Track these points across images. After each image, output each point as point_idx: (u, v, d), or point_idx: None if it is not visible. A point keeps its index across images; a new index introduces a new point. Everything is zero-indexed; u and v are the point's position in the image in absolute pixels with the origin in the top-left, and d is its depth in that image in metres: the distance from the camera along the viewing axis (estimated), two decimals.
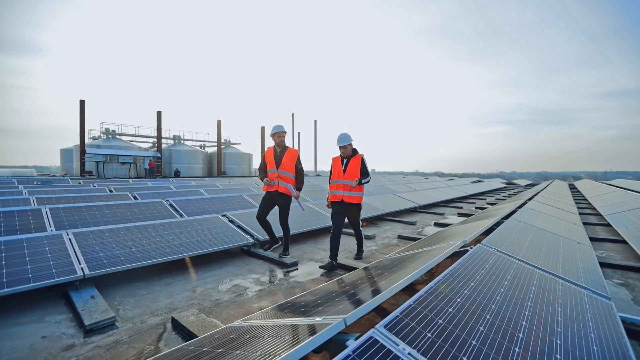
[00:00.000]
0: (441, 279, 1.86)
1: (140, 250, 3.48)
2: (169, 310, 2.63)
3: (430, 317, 1.41)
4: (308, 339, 1.20)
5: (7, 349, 2.06)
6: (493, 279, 2.07)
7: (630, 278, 3.49)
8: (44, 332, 2.26)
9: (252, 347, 1.39)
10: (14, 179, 13.60)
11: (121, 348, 2.09)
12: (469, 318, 1.51)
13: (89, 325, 2.28)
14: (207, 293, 3.00)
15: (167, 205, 6.42)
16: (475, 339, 1.35)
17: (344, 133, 3.99)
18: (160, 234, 3.98)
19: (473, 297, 1.75)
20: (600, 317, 2.02)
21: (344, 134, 3.99)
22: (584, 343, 1.66)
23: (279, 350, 1.22)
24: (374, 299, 1.43)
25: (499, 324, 1.54)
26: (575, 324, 1.82)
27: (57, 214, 5.08)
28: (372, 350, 1.14)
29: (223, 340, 1.65)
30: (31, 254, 3.00)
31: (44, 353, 2.02)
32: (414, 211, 8.93)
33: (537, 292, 2.08)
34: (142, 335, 2.25)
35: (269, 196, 4.13)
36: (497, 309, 1.69)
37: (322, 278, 3.45)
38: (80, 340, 2.17)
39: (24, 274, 2.71)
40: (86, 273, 2.89)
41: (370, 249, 4.72)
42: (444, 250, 2.56)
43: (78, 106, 24.80)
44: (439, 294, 1.68)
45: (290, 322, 1.57)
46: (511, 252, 2.76)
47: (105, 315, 2.41)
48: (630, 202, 7.91)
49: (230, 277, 3.42)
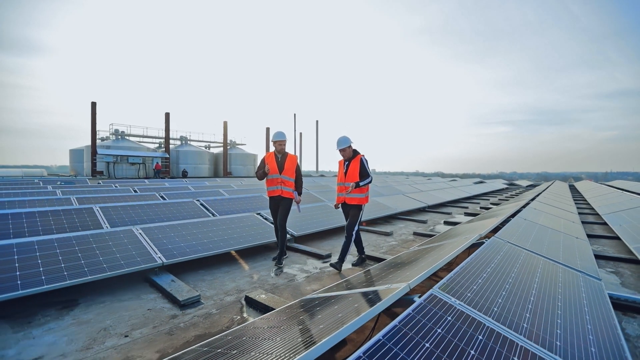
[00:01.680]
0: (469, 261, 2.43)
1: (200, 243, 4.05)
2: (238, 292, 3.20)
3: (468, 283, 1.98)
4: (387, 297, 1.76)
5: (127, 317, 2.63)
6: (508, 262, 2.64)
7: (620, 267, 4.06)
8: (148, 306, 2.83)
9: (340, 307, 1.94)
10: (37, 179, 14.16)
11: (214, 317, 2.65)
12: (494, 286, 2.08)
13: (182, 301, 2.85)
14: (263, 279, 3.56)
15: (199, 205, 6.99)
16: (500, 297, 1.92)
17: (342, 136, 4.03)
18: (210, 229, 4.54)
19: (494, 274, 2.32)
20: (592, 293, 2.59)
21: (342, 137, 4.02)
22: (579, 312, 2.22)
23: (365, 307, 1.77)
24: (427, 270, 2.00)
25: (515, 291, 2.11)
26: (572, 298, 2.38)
27: (107, 212, 5.65)
28: (434, 301, 1.70)
29: (309, 306, 2.21)
30: (115, 245, 3.56)
31: (156, 320, 2.59)
32: (423, 210, 9.49)
33: (542, 273, 2.65)
34: (226, 309, 2.81)
35: (274, 203, 4.24)
36: (512, 282, 2.25)
37: (357, 267, 4.01)
38: (179, 312, 2.74)
39: (116, 261, 3.28)
40: (164, 261, 3.46)
41: (391, 244, 5.29)
42: (465, 242, 3.12)
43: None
44: (470, 270, 2.24)
45: (362, 291, 2.14)
46: (520, 244, 3.33)
47: (192, 293, 2.98)
48: (626, 203, 8.46)
49: (276, 268, 3.98)
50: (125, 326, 2.48)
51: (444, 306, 1.69)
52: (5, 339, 2.27)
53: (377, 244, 5.21)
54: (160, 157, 29.82)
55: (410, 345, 1.30)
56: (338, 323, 1.52)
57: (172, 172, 31.71)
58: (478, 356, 1.34)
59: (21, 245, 3.15)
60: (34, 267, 2.90)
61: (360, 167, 3.95)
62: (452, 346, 1.36)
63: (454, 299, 1.76)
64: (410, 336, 1.37)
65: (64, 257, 3.15)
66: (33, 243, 3.24)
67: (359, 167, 3.95)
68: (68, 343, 2.24)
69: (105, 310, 2.74)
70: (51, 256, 3.11)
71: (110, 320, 2.56)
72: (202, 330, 2.44)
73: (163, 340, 2.29)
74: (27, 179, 14.47)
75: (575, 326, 1.90)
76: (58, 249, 3.25)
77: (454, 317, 1.58)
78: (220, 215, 5.94)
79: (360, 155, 4.02)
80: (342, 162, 4.16)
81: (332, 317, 1.70)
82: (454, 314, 1.61)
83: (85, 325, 2.49)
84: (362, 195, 4.01)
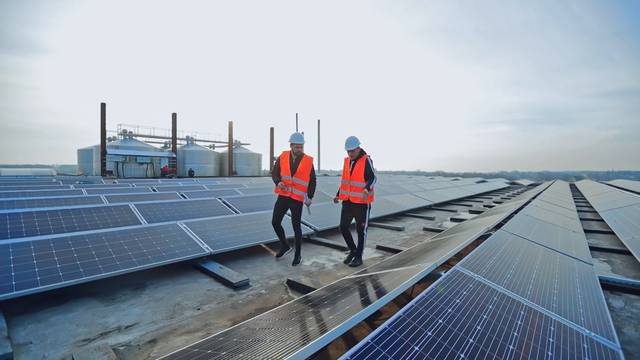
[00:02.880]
0: (481, 247, 2.92)
1: (237, 236, 4.55)
2: (279, 277, 3.69)
3: (482, 264, 2.47)
4: (419, 272, 2.24)
5: (192, 295, 3.12)
6: (513, 249, 3.13)
7: (612, 257, 4.55)
8: (206, 287, 3.33)
9: (383, 280, 2.43)
10: (54, 179, 14.68)
11: (266, 296, 3.15)
12: (502, 266, 2.57)
13: (235, 283, 3.34)
14: (297, 267, 4.06)
15: (221, 203, 7.48)
16: (508, 273, 2.41)
17: (351, 137, 4.15)
18: (240, 225, 5.03)
19: (502, 258, 2.81)
20: (584, 275, 3.07)
21: (352, 138, 4.14)
22: (572, 287, 2.70)
23: (404, 278, 2.26)
24: (448, 253, 2.48)
25: (520, 270, 2.60)
26: (566, 277, 2.86)
27: (142, 210, 6.15)
28: (458, 274, 2.19)
29: (351, 283, 2.69)
30: (168, 237, 4.06)
31: (218, 298, 3.08)
32: (430, 208, 9.98)
33: (542, 259, 3.14)
34: (273, 290, 3.31)
35: (282, 202, 4.23)
36: (517, 264, 2.74)
37: (377, 257, 4.50)
38: (234, 292, 3.23)
39: (172, 250, 3.78)
40: (211, 251, 3.96)
41: (404, 237, 5.78)
42: (474, 233, 3.61)
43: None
44: (482, 255, 2.73)
45: (396, 270, 2.63)
46: (523, 235, 3.81)
47: (242, 277, 3.48)
48: (623, 201, 8.94)
49: (307, 257, 4.48)
50: (194, 302, 2.98)
51: (465, 278, 2.18)
52: (102, 310, 2.77)
53: (392, 238, 5.70)
54: (168, 156, 30.37)
55: (446, 301, 1.79)
56: (381, 294, 2.01)
57: (179, 171, 32.26)
58: (494, 309, 1.83)
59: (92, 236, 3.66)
60: (107, 255, 3.40)
61: (365, 167, 4.09)
62: (475, 302, 1.85)
63: (472, 273, 2.26)
64: (445, 295, 1.86)
65: (129, 246, 3.65)
66: (100, 235, 3.74)
67: (364, 167, 4.09)
68: (153, 314, 2.73)
69: (171, 290, 3.24)
70: (117, 246, 3.61)
71: (179, 298, 3.06)
72: (259, 305, 2.94)
73: (229, 312, 2.79)
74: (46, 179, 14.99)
75: (569, 296, 2.39)
76: (121, 239, 3.76)
77: (474, 285, 2.07)
78: (242, 213, 6.42)
79: (366, 156, 4.16)
80: (349, 160, 4.27)
81: (378, 288, 2.19)
82: (474, 282, 2.10)
83: (160, 301, 2.99)
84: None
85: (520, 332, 1.71)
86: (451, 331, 1.58)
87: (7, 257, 3.00)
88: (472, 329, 1.64)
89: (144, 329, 2.48)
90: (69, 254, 3.28)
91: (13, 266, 2.91)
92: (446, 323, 1.64)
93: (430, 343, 1.45)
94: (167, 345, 2.26)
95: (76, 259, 3.23)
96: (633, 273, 3.86)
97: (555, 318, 1.92)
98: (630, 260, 4.39)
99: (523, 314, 1.87)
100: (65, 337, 2.35)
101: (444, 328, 1.59)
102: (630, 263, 4.29)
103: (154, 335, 2.40)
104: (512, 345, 1.61)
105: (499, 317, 1.79)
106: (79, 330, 2.45)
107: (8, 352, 2.07)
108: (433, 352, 1.40)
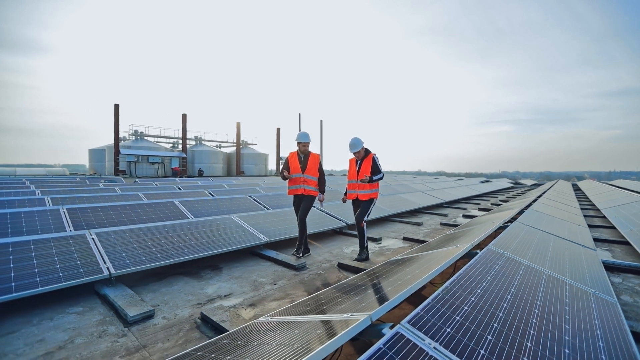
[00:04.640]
0: (503, 234, 3.56)
1: (283, 228, 5.19)
2: (328, 261, 4.33)
3: (509, 243, 3.11)
4: (459, 251, 2.88)
5: (264, 274, 3.76)
6: (530, 236, 3.77)
7: (613, 247, 5.19)
8: (272, 269, 3.97)
9: (430, 257, 3.07)
10: (78, 178, 15.33)
11: (324, 275, 3.79)
12: (524, 246, 3.21)
13: (297, 265, 3.99)
14: (338, 254, 4.70)
15: (252, 200, 8.14)
16: (529, 253, 3.06)
17: (354, 139, 4.28)
18: (279, 219, 5.66)
19: (522, 243, 3.45)
20: (589, 258, 3.70)
21: (355, 140, 4.28)
22: (579, 265, 3.33)
23: (449, 255, 2.89)
24: (482, 235, 3.12)
25: (538, 251, 3.24)
26: (575, 259, 3.50)
27: (186, 205, 6.79)
28: (491, 252, 2.83)
29: (403, 260, 3.33)
30: (228, 228, 4.71)
31: (286, 276, 3.72)
32: (441, 206, 10.62)
33: (554, 244, 3.77)
34: (328, 271, 3.95)
35: (297, 200, 4.54)
36: (534, 247, 3.39)
37: (403, 247, 5.15)
38: (298, 272, 3.87)
39: (235, 239, 4.42)
40: (268, 240, 4.61)
41: (424, 231, 6.42)
42: (492, 225, 4.25)
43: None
44: (505, 240, 3.37)
45: (436, 251, 3.26)
46: (536, 226, 4.46)
47: (300, 261, 4.11)
48: (623, 199, 9.57)
49: (344, 246, 5.12)
50: (269, 279, 3.62)
51: (497, 254, 2.82)
52: (197, 284, 3.43)
53: (414, 232, 6.34)
54: (179, 156, 31.06)
55: (486, 270, 2.43)
56: (436, 264, 2.64)
57: (188, 171, 32.95)
58: (523, 274, 2.47)
59: (173, 226, 4.31)
60: (187, 242, 4.05)
61: (372, 165, 4.23)
62: (507, 272, 2.49)
63: (502, 250, 2.90)
64: (485, 264, 2.50)
65: (201, 235, 4.30)
66: (174, 225, 4.39)
67: (370, 165, 4.23)
68: (240, 287, 3.38)
69: (245, 271, 3.89)
70: (192, 234, 4.26)
71: (254, 276, 3.71)
72: (321, 281, 3.59)
73: (301, 286, 3.43)
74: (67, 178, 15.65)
75: (578, 270, 3.03)
76: (192, 229, 4.41)
77: (505, 259, 2.72)
78: (272, 209, 7.06)
79: (372, 154, 4.30)
80: (353, 160, 4.40)
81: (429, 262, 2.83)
82: (505, 257, 2.75)
83: (239, 279, 3.63)
84: (373, 191, 4.33)
85: (543, 292, 2.35)
86: (493, 291, 2.22)
87: (112, 242, 3.65)
88: (508, 291, 2.28)
89: (240, 297, 3.13)
90: (156, 240, 3.93)
91: (121, 249, 3.57)
92: (488, 285, 2.28)
93: (481, 296, 2.08)
94: (265, 308, 2.91)
95: (164, 244, 3.88)
96: (631, 259, 4.50)
97: (569, 282, 2.56)
98: (629, 249, 5.03)
99: (544, 279, 2.52)
100: (182, 302, 3.00)
101: (487, 289, 2.22)
102: (629, 251, 4.93)
103: (250, 301, 3.05)
104: (538, 301, 2.25)
105: (527, 281, 2.42)
106: (189, 297, 3.11)
107: (151, 309, 2.72)
108: (485, 301, 2.03)
